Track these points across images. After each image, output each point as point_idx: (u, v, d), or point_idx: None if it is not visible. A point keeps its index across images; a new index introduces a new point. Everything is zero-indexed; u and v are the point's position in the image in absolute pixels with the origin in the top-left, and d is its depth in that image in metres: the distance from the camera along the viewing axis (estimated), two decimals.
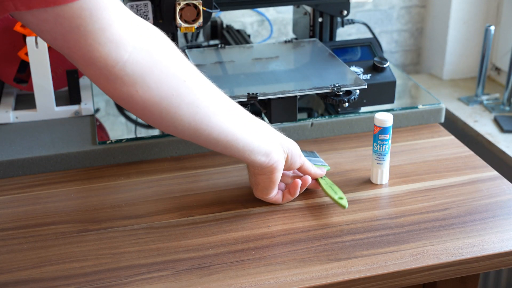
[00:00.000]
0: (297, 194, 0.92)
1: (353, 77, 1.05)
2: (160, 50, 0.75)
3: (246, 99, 0.98)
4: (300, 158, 0.90)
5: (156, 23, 1.06)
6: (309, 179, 0.92)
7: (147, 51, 0.73)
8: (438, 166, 1.03)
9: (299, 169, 0.92)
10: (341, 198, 0.91)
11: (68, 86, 1.16)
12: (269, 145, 0.85)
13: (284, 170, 0.90)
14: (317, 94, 1.04)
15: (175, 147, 1.07)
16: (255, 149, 0.84)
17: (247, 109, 1.00)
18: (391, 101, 1.16)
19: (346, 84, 1.02)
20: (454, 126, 1.41)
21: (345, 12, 1.20)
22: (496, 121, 1.37)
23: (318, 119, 1.13)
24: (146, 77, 0.73)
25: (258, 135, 0.84)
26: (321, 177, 0.97)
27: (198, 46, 1.20)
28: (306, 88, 1.01)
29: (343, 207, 0.90)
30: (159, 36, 0.77)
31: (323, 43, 1.20)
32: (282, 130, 1.10)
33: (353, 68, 1.14)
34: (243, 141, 0.82)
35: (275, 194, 0.91)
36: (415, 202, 0.93)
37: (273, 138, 0.86)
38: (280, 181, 0.92)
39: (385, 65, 1.14)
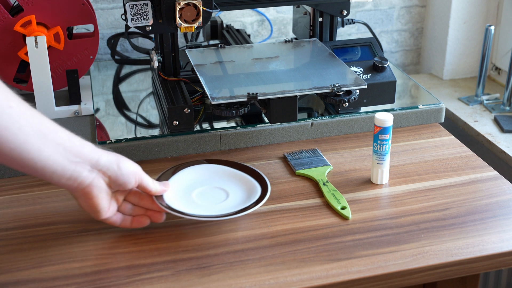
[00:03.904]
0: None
1: (353, 77, 1.05)
2: None
3: (246, 99, 0.98)
4: (135, 178, 0.81)
5: (156, 23, 1.06)
6: (160, 218, 0.85)
7: None
8: (438, 166, 1.03)
9: (139, 186, 0.83)
10: (344, 207, 0.91)
11: (68, 86, 1.16)
12: (76, 167, 0.75)
13: (116, 190, 0.81)
14: (317, 94, 1.04)
15: (175, 147, 1.07)
16: (57, 171, 0.74)
17: (247, 109, 1.00)
18: (391, 101, 1.16)
19: (346, 84, 1.02)
20: (454, 126, 1.41)
21: (345, 12, 1.20)
22: (496, 121, 1.36)
23: (318, 119, 1.13)
24: None
25: (62, 156, 0.74)
26: (323, 183, 0.97)
27: (198, 46, 1.20)
28: (306, 88, 1.01)
29: (347, 218, 0.89)
30: None
31: (323, 43, 1.19)
32: (282, 130, 1.11)
33: (353, 68, 1.14)
34: (41, 162, 0.72)
35: (106, 217, 0.81)
36: (415, 202, 0.93)
37: (85, 159, 0.76)
38: (126, 200, 0.84)
39: (385, 65, 1.14)
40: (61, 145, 0.74)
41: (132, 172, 0.81)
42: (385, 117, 0.94)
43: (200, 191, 0.92)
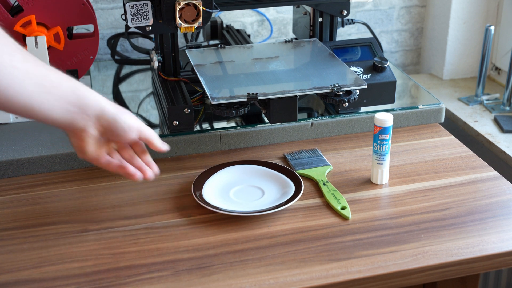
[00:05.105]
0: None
1: (353, 77, 1.05)
2: None
3: (246, 99, 0.98)
4: (130, 132, 0.84)
5: (156, 23, 1.06)
6: (149, 176, 0.88)
7: None
8: (438, 166, 1.03)
9: (141, 139, 0.86)
10: (344, 207, 0.91)
11: None
12: (74, 116, 0.79)
13: (112, 140, 0.85)
14: (317, 94, 1.04)
15: (175, 147, 1.07)
16: (57, 120, 0.79)
17: (247, 109, 1.00)
18: (391, 101, 1.16)
19: (346, 84, 1.02)
20: (454, 126, 1.41)
21: (345, 12, 1.20)
22: (496, 121, 1.36)
23: (318, 119, 1.13)
24: None
25: (63, 109, 0.78)
26: (323, 183, 0.97)
27: (198, 46, 1.20)
28: (306, 88, 1.01)
29: (347, 218, 0.89)
30: None
31: (323, 43, 1.20)
32: (282, 130, 1.11)
33: (353, 68, 1.14)
34: (42, 114, 0.77)
35: (89, 159, 0.84)
36: (415, 202, 0.93)
37: (84, 109, 0.80)
38: (120, 153, 0.88)
39: (385, 65, 1.14)
40: (63, 98, 0.79)
41: (129, 126, 0.84)
42: (385, 117, 0.94)
43: (237, 189, 0.96)
